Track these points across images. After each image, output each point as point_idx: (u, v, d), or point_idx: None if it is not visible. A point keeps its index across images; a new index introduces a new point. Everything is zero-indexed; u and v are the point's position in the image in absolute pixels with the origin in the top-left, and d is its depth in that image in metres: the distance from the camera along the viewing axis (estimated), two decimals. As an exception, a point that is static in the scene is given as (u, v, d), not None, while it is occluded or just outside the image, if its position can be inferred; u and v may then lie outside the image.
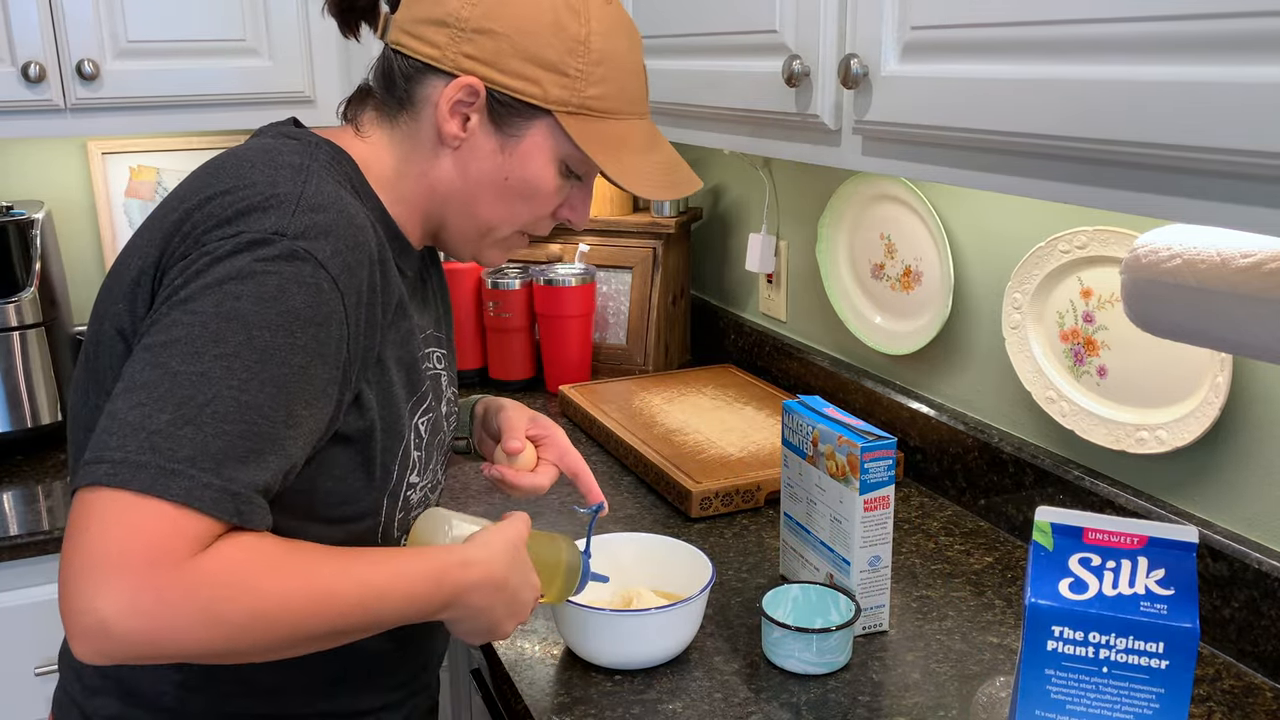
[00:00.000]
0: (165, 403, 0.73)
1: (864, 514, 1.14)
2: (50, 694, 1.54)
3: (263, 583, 0.74)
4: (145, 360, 0.75)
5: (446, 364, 1.07)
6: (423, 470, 0.98)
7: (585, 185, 1.00)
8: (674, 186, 0.97)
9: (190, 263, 0.79)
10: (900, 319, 1.63)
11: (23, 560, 1.50)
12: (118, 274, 0.87)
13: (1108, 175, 0.80)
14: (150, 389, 0.73)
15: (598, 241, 2.06)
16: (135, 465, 0.71)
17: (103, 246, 2.06)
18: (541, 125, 0.92)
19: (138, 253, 0.85)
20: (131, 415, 0.73)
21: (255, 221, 0.79)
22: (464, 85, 0.90)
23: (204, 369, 0.74)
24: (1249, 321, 0.85)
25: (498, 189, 0.94)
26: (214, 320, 0.75)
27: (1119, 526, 0.81)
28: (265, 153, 0.87)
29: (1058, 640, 0.78)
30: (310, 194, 0.82)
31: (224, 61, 1.76)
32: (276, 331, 0.77)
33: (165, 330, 0.76)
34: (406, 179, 0.95)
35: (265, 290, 0.77)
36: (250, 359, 0.75)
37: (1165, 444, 1.20)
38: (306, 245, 0.79)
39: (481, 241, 0.99)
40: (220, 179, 0.84)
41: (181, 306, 0.77)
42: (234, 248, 0.78)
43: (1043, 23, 0.82)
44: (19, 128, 1.66)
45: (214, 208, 0.81)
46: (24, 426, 1.72)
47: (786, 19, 1.16)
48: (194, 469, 0.72)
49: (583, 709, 1.05)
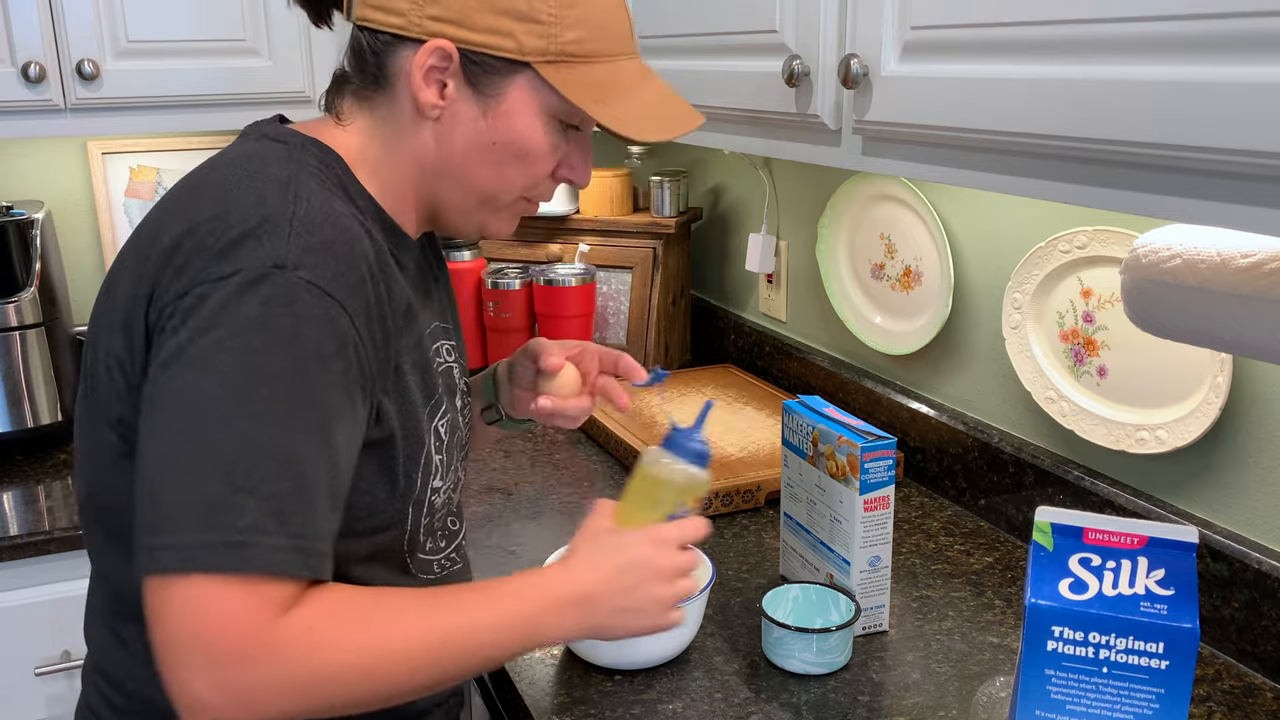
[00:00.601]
0: (211, 474, 0.72)
1: (864, 514, 1.14)
2: (50, 694, 1.54)
3: (348, 642, 0.75)
4: (174, 428, 0.73)
5: (456, 354, 1.04)
6: (445, 474, 0.96)
7: (583, 141, 0.95)
8: (671, 125, 0.91)
9: (190, 307, 0.75)
10: (900, 319, 1.63)
11: (23, 560, 1.50)
12: (110, 298, 0.84)
13: (1108, 175, 0.80)
14: (191, 462, 0.72)
15: (598, 241, 2.06)
16: (200, 546, 0.71)
17: (103, 246, 2.06)
18: (522, 80, 0.87)
19: (128, 278, 0.82)
20: (179, 493, 0.72)
21: (250, 254, 0.76)
22: (434, 49, 0.85)
23: (240, 430, 0.73)
24: (1249, 321, 0.85)
25: (487, 154, 0.89)
26: (236, 378, 0.73)
27: (1119, 526, 0.81)
28: (250, 163, 0.83)
29: (1058, 640, 0.78)
30: (302, 213, 0.79)
31: (224, 61, 1.76)
32: (300, 376, 0.75)
33: (186, 393, 0.74)
34: (394, 161, 0.91)
35: (280, 335, 0.75)
36: (282, 411, 0.74)
37: (1165, 444, 1.20)
38: (308, 274, 0.76)
39: (482, 211, 0.94)
40: (205, 199, 0.80)
41: (200, 365, 0.74)
42: (237, 290, 0.75)
43: (1042, 23, 0.82)
44: (19, 128, 1.65)
45: (204, 236, 0.77)
46: (24, 426, 1.72)
47: (786, 19, 1.16)
48: (258, 535, 0.72)
49: (583, 709, 1.05)
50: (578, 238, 2.08)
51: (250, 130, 0.91)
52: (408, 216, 0.94)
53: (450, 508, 1.01)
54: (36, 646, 1.53)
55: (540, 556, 1.35)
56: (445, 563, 1.01)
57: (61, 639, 1.54)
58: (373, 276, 0.82)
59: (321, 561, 0.76)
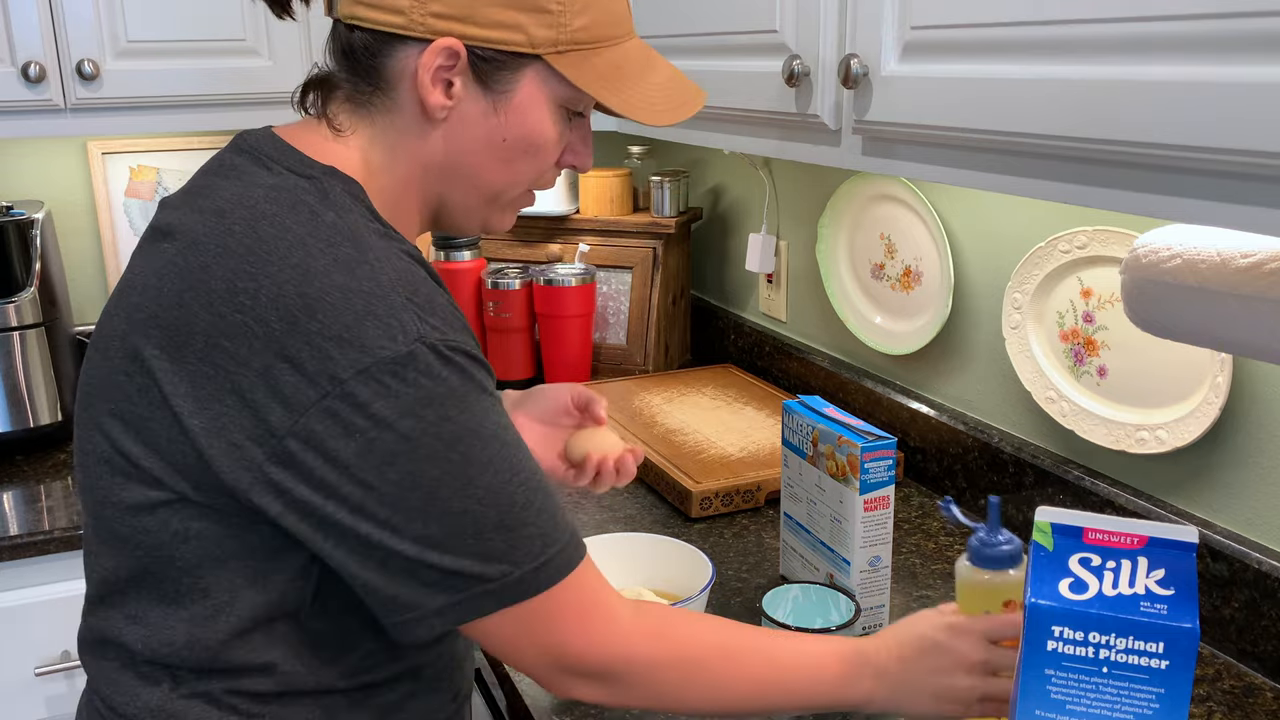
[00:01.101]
0: (484, 532, 0.78)
1: (864, 514, 1.14)
2: (50, 694, 1.54)
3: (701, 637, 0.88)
4: (416, 520, 0.76)
5: None
6: None
7: (584, 126, 0.93)
8: (682, 106, 0.90)
9: (341, 406, 0.73)
10: (900, 319, 1.63)
11: (23, 560, 1.50)
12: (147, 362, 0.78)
13: (1108, 175, 0.80)
14: (457, 536, 0.77)
15: (598, 241, 2.06)
16: (514, 582, 0.79)
17: (103, 246, 2.06)
18: (531, 73, 0.85)
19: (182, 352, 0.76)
20: (463, 562, 0.78)
21: (380, 336, 0.74)
22: (442, 49, 0.81)
23: (484, 489, 0.78)
24: (1249, 321, 0.85)
25: (498, 152, 0.87)
26: (450, 452, 0.76)
27: (1119, 526, 0.81)
28: (296, 211, 0.79)
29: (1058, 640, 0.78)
30: (392, 274, 0.77)
31: (224, 61, 1.76)
32: (490, 414, 0.79)
33: (408, 486, 0.76)
34: (397, 168, 0.87)
35: (458, 397, 0.77)
36: (497, 450, 0.79)
37: (1165, 444, 1.20)
38: (441, 337, 0.77)
39: (489, 208, 0.92)
40: (276, 268, 0.75)
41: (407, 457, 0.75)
42: (392, 381, 0.74)
43: (1042, 23, 0.82)
44: (19, 128, 1.66)
45: (305, 320, 0.74)
46: (24, 426, 1.72)
47: (787, 19, 1.16)
48: (552, 547, 0.81)
49: (583, 709, 1.05)
50: (578, 238, 2.08)
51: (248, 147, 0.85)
52: (409, 225, 0.91)
53: None
54: (36, 646, 1.53)
55: (540, 556, 1.35)
56: None
57: (61, 639, 1.54)
58: (455, 307, 0.83)
59: (582, 540, 0.86)
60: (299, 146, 0.85)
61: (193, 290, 0.77)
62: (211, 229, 0.79)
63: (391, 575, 0.78)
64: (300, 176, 0.82)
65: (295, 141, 0.85)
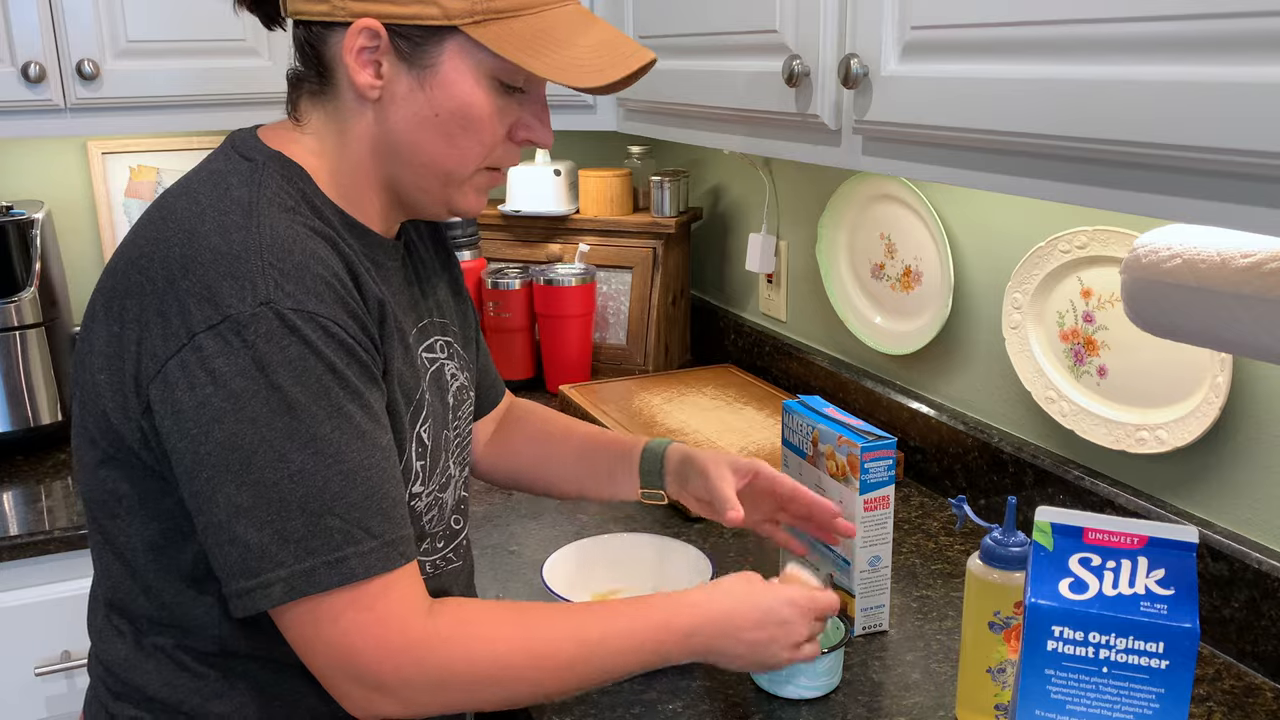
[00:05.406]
0: (288, 511, 0.78)
1: (864, 514, 1.14)
2: (50, 694, 1.54)
3: (502, 632, 0.85)
4: (231, 481, 0.78)
5: (452, 350, 1.03)
6: (427, 479, 0.96)
7: (533, 98, 0.92)
8: (613, 66, 0.87)
9: (193, 362, 0.78)
10: (900, 319, 1.63)
11: (23, 560, 1.50)
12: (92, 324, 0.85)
13: (1108, 175, 0.80)
14: (263, 506, 0.78)
15: (598, 241, 2.07)
16: (304, 572, 0.78)
17: (103, 246, 2.06)
18: (453, 46, 0.85)
19: (107, 308, 0.84)
20: (265, 535, 0.78)
21: (233, 295, 0.78)
22: (361, 30, 0.84)
23: (297, 463, 0.78)
24: (1249, 321, 0.85)
25: (433, 128, 0.87)
26: (272, 417, 0.78)
27: (1119, 526, 0.81)
28: (214, 188, 0.84)
29: (1058, 640, 0.78)
30: (266, 240, 0.80)
31: (224, 61, 1.76)
32: (327, 393, 0.79)
33: (229, 446, 0.78)
34: (348, 154, 0.90)
35: (293, 365, 0.78)
36: (325, 431, 0.79)
37: (1165, 444, 1.20)
38: (293, 302, 0.79)
39: (446, 190, 0.92)
40: (173, 232, 0.82)
41: (231, 417, 0.77)
42: (235, 334, 0.77)
43: (1042, 23, 0.82)
44: (19, 128, 1.65)
45: (179, 278, 0.79)
46: (24, 426, 1.72)
47: (786, 19, 1.16)
48: (350, 546, 0.79)
49: (583, 709, 1.05)
50: (578, 238, 2.08)
51: (227, 140, 0.92)
52: (373, 211, 0.93)
53: (444, 509, 1.00)
54: (36, 646, 1.53)
55: (540, 556, 1.35)
56: (440, 562, 1.02)
57: (61, 639, 1.54)
58: (344, 286, 0.83)
59: (408, 547, 0.84)
60: (265, 139, 0.91)
61: (117, 257, 0.85)
62: (151, 208, 0.87)
63: (212, 542, 0.80)
64: (245, 160, 0.88)
65: (264, 135, 0.91)
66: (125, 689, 0.92)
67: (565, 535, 1.41)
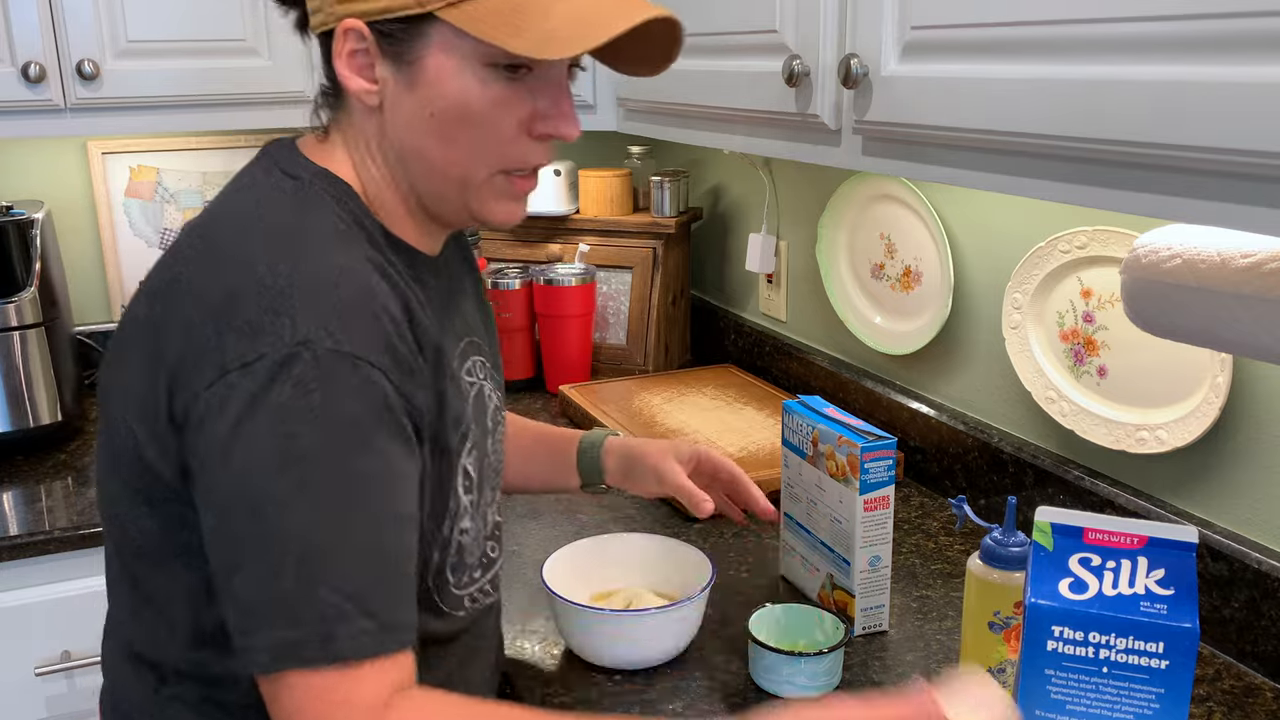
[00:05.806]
0: (281, 570, 0.72)
1: (864, 514, 1.14)
2: (50, 694, 1.54)
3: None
4: (236, 527, 0.73)
5: (488, 370, 0.98)
6: (474, 513, 0.92)
7: (548, 83, 0.84)
8: (602, 26, 0.78)
9: (222, 398, 0.73)
10: (900, 319, 1.63)
11: (23, 560, 1.50)
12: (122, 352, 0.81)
13: (1108, 175, 0.80)
14: (259, 560, 0.73)
15: (598, 241, 2.07)
16: (289, 644, 0.72)
17: (103, 246, 2.06)
18: (437, 37, 0.80)
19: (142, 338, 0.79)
20: (255, 593, 0.73)
21: (272, 333, 0.73)
22: (346, 32, 0.80)
23: (301, 521, 0.73)
24: (1249, 321, 0.85)
25: (431, 129, 0.82)
26: (285, 468, 0.72)
27: (1119, 526, 0.81)
28: (259, 210, 0.81)
29: (1058, 640, 0.78)
30: (314, 272, 0.76)
31: (224, 61, 1.76)
32: (348, 452, 0.74)
33: (239, 490, 0.73)
34: (372, 168, 0.86)
35: (319, 416, 0.73)
36: (338, 492, 0.74)
37: (1165, 444, 1.20)
38: (333, 344, 0.73)
39: (466, 196, 0.85)
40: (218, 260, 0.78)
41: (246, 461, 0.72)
42: (267, 375, 0.72)
43: (1042, 23, 0.82)
44: (19, 128, 1.65)
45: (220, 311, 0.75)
46: (24, 426, 1.72)
47: (787, 19, 1.16)
48: (340, 624, 0.72)
49: (583, 709, 1.05)
50: (578, 238, 2.08)
51: (266, 156, 0.87)
52: (408, 224, 0.89)
53: (484, 537, 0.96)
54: (36, 646, 1.53)
55: (540, 556, 1.35)
56: (478, 595, 0.97)
57: (61, 639, 1.54)
58: (396, 326, 0.78)
59: (407, 633, 0.77)
60: (308, 153, 0.87)
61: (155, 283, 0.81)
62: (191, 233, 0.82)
63: (222, 590, 0.76)
64: (290, 178, 0.84)
65: (305, 148, 0.88)
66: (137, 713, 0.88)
67: (565, 535, 1.41)
